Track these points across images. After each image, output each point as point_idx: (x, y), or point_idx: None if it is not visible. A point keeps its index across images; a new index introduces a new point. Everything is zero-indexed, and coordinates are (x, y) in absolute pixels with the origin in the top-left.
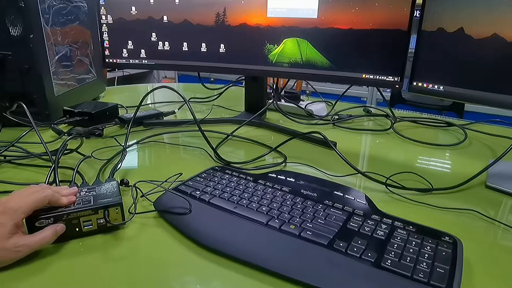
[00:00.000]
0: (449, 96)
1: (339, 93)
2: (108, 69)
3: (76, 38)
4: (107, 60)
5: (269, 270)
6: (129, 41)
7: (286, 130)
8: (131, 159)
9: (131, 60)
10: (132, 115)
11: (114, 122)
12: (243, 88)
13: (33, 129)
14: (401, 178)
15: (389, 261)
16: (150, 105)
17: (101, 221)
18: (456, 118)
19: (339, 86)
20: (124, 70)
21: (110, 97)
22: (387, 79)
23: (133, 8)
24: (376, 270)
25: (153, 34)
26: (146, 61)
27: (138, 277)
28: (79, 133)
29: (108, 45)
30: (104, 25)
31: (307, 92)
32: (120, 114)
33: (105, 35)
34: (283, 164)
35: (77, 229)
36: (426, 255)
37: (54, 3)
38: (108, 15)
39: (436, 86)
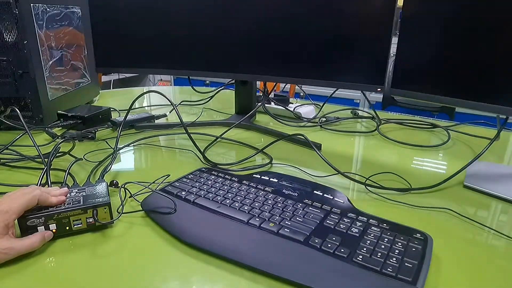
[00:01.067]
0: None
1: (332, 95)
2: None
3: (70, 43)
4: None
5: (247, 265)
6: (119, 46)
7: (274, 132)
8: (121, 161)
9: (122, 66)
10: (123, 118)
11: (106, 125)
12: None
13: (27, 133)
14: (381, 178)
15: (360, 257)
16: (146, 107)
17: (90, 220)
18: (445, 120)
19: (331, 89)
20: (119, 73)
21: (104, 101)
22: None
23: (123, 14)
24: (347, 265)
25: (145, 39)
26: (137, 67)
27: (124, 272)
28: (72, 136)
29: (99, 50)
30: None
31: (301, 94)
32: (113, 117)
33: (97, 40)
34: (269, 165)
35: (67, 228)
36: (397, 250)
37: (48, 9)
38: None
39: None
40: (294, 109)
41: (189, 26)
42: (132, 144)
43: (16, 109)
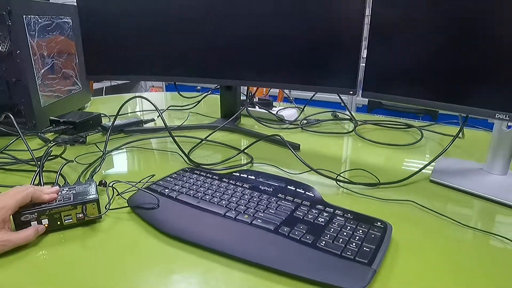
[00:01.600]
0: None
1: (320, 98)
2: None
3: (62, 52)
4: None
5: (222, 252)
6: (109, 55)
7: (257, 134)
8: (110, 163)
9: (111, 73)
10: (111, 124)
11: (97, 130)
12: None
13: (20, 138)
14: (353, 174)
15: (323, 242)
16: (137, 112)
17: (80, 215)
18: (425, 121)
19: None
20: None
21: (96, 107)
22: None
23: (111, 24)
24: (311, 250)
25: (133, 48)
26: (126, 75)
27: (111, 261)
28: (64, 141)
29: (89, 59)
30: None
31: (290, 98)
32: (104, 122)
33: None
34: (250, 164)
35: (58, 223)
36: (358, 237)
37: (40, 20)
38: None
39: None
40: (277, 112)
41: (175, 35)
42: (120, 147)
43: (10, 116)
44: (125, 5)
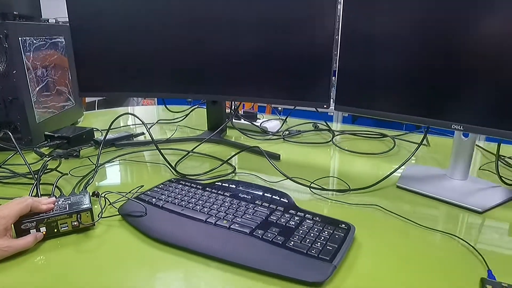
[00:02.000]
0: (370, 113)
1: (306, 109)
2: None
3: (55, 70)
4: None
5: (202, 253)
6: (99, 73)
7: (241, 145)
8: (103, 175)
9: (102, 90)
10: (103, 138)
11: (90, 144)
12: None
13: (18, 153)
14: (327, 181)
15: (292, 243)
16: (130, 126)
17: (75, 223)
18: (403, 131)
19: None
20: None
21: (88, 122)
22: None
23: (101, 44)
24: (281, 249)
25: (123, 66)
26: (117, 91)
27: (103, 263)
28: (58, 155)
29: (82, 77)
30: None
31: (279, 109)
32: (96, 137)
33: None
34: (233, 174)
35: (55, 230)
36: (323, 237)
37: (35, 41)
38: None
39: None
40: (260, 124)
41: (162, 54)
42: (112, 160)
43: (9, 132)
44: (114, 25)
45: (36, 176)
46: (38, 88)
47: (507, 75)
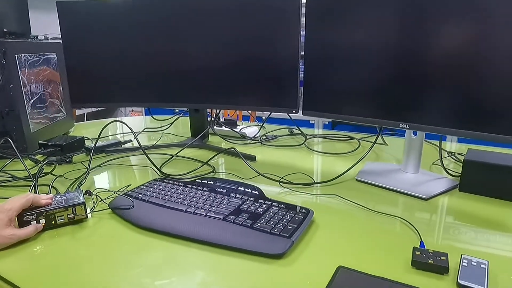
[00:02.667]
0: (332, 117)
1: (285, 116)
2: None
3: (48, 84)
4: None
5: (182, 236)
6: (90, 87)
7: (221, 149)
8: (94, 177)
9: (92, 102)
10: (93, 145)
11: (81, 151)
12: None
13: (14, 160)
14: (296, 177)
15: (258, 224)
16: (117, 135)
17: (70, 215)
18: (369, 133)
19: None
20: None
21: (79, 132)
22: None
23: (92, 61)
24: (249, 230)
25: (112, 80)
26: (106, 103)
27: (95, 249)
28: (53, 161)
29: (73, 90)
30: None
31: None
32: (87, 144)
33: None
34: (212, 173)
35: (53, 222)
36: (285, 219)
37: (29, 57)
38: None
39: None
40: (240, 130)
41: (147, 67)
42: (102, 164)
43: (10, 140)
44: (104, 42)
45: (34, 177)
46: (32, 101)
47: (443, 83)
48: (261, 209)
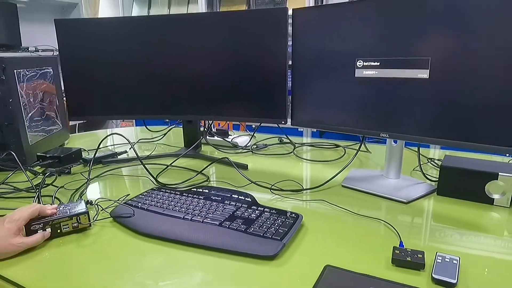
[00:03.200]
0: (318, 127)
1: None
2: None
3: (45, 97)
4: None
5: (183, 242)
6: (87, 100)
7: (214, 159)
8: (94, 187)
9: (89, 114)
10: (93, 156)
11: (79, 162)
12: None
13: (16, 172)
14: (286, 184)
15: (252, 229)
16: (109, 147)
17: (75, 224)
18: (354, 141)
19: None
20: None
21: (74, 143)
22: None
23: (88, 76)
24: (243, 234)
25: (108, 94)
26: (101, 115)
27: (99, 255)
28: (53, 172)
29: (71, 103)
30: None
31: (253, 126)
32: (83, 156)
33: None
34: (207, 182)
35: (58, 231)
36: (276, 224)
37: (27, 72)
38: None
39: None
40: (231, 140)
41: (142, 82)
42: (101, 175)
43: (13, 153)
44: (100, 56)
45: (37, 189)
46: (30, 114)
47: (417, 100)
48: (254, 215)
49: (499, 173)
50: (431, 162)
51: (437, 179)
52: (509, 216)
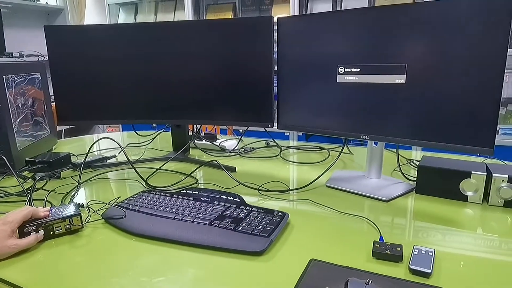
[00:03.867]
0: (303, 130)
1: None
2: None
3: (33, 103)
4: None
5: (174, 240)
6: (76, 105)
7: (202, 162)
8: (85, 191)
9: (78, 119)
10: (83, 160)
11: (68, 167)
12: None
13: (4, 177)
14: (272, 185)
15: (241, 227)
16: (96, 152)
17: (67, 226)
18: (339, 144)
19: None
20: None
21: (62, 148)
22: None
23: (77, 82)
24: (232, 232)
25: (96, 99)
26: (90, 120)
27: (92, 256)
28: (43, 177)
29: (61, 108)
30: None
31: (241, 130)
32: (72, 160)
33: (59, 101)
34: (196, 185)
35: (51, 233)
36: (264, 222)
37: (16, 78)
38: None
39: (294, 124)
40: (219, 143)
41: (131, 87)
42: (91, 179)
43: (4, 158)
44: (89, 62)
45: (28, 193)
46: (19, 119)
47: (395, 106)
48: (243, 214)
49: (472, 172)
50: (411, 163)
51: (416, 179)
52: (482, 212)
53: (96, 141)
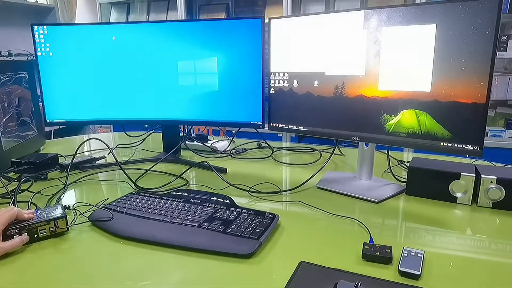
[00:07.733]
0: (295, 131)
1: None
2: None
3: (20, 102)
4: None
5: (161, 243)
6: (65, 105)
7: (193, 163)
8: (72, 193)
9: (67, 119)
10: (70, 161)
11: (55, 168)
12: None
13: None
14: (264, 186)
15: (230, 229)
16: (86, 153)
17: (52, 229)
18: (330, 145)
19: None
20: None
21: (50, 149)
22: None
23: (66, 81)
24: (222, 234)
25: (87, 100)
26: (79, 120)
27: (77, 259)
28: (28, 178)
29: (49, 108)
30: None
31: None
32: (60, 161)
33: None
34: (186, 186)
35: (35, 235)
36: (254, 224)
37: (1, 77)
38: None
39: (285, 125)
40: (211, 144)
41: (122, 87)
42: (78, 181)
43: None
44: (80, 61)
45: (13, 194)
46: (4, 119)
47: (383, 108)
48: (232, 216)
49: (461, 173)
50: (402, 164)
51: (406, 180)
52: (471, 213)
53: (84, 142)
